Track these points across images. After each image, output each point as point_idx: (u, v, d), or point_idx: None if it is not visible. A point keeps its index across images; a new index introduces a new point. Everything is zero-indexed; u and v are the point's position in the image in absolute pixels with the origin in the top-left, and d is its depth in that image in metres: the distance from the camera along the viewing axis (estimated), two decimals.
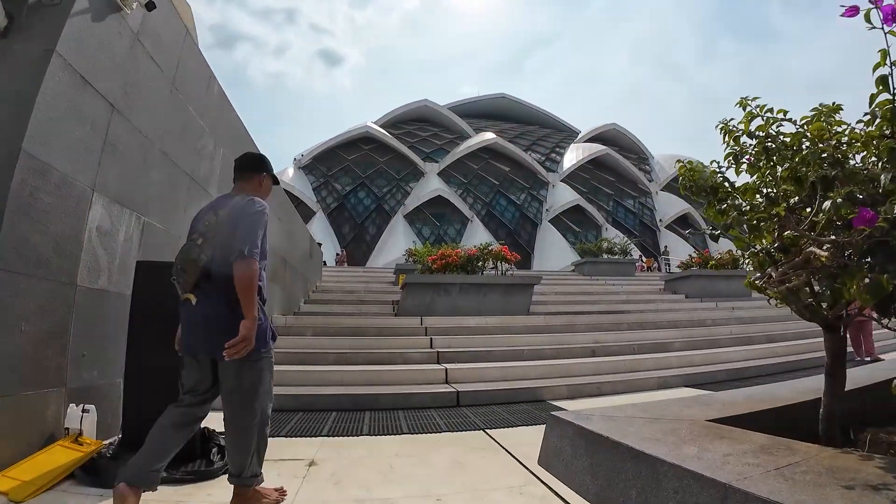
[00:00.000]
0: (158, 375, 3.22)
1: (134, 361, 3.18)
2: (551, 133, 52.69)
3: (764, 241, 1.71)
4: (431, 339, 6.74)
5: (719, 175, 2.14)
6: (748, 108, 2.00)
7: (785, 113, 1.92)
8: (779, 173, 1.76)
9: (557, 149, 47.82)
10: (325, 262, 25.83)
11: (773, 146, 1.86)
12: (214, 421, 2.49)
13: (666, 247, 29.32)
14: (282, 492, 2.28)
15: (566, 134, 53.07)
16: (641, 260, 27.95)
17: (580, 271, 20.11)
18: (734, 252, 17.86)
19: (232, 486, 2.12)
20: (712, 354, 7.22)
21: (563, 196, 40.51)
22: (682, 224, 43.33)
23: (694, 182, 2.23)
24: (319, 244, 15.15)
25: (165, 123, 4.18)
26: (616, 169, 45.80)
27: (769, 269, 1.74)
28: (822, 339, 1.96)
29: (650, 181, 46.28)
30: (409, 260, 14.97)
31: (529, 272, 20.14)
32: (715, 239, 2.00)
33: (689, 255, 16.30)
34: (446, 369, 5.46)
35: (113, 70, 3.49)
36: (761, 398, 1.98)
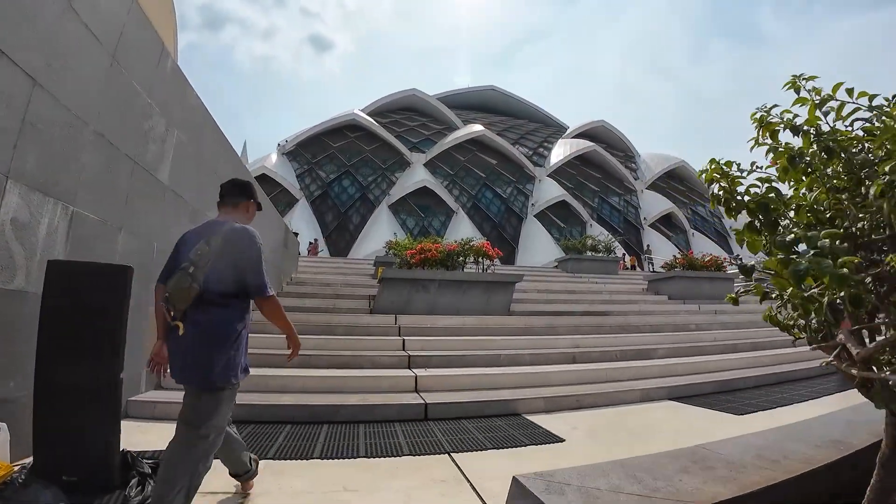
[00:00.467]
0: (71, 392, 2.78)
1: (43, 376, 2.73)
2: (540, 128, 52.33)
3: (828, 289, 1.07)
4: (404, 340, 6.35)
5: (762, 185, 1.45)
6: (802, 93, 1.40)
7: (872, 98, 1.28)
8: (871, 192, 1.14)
9: (546, 143, 47.50)
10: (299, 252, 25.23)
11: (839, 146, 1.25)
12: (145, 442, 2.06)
13: (648, 245, 29.26)
14: None
15: (555, 129, 52.76)
16: (625, 258, 27.86)
17: (563, 268, 19.87)
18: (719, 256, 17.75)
19: None
20: (697, 363, 6.95)
21: (549, 191, 40.24)
22: (665, 223, 43.45)
23: (731, 194, 1.50)
24: (296, 233, 14.63)
25: (102, 101, 3.68)
26: (603, 166, 45.65)
27: (840, 335, 1.20)
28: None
29: (636, 179, 46.27)
30: (389, 252, 14.52)
31: (512, 269, 19.80)
32: (748, 273, 1.37)
33: (674, 256, 16.12)
34: (416, 376, 5.07)
35: (36, 39, 3.00)
36: (773, 458, 1.62)
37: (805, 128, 1.34)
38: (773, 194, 1.36)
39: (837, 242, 1.03)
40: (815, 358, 6.27)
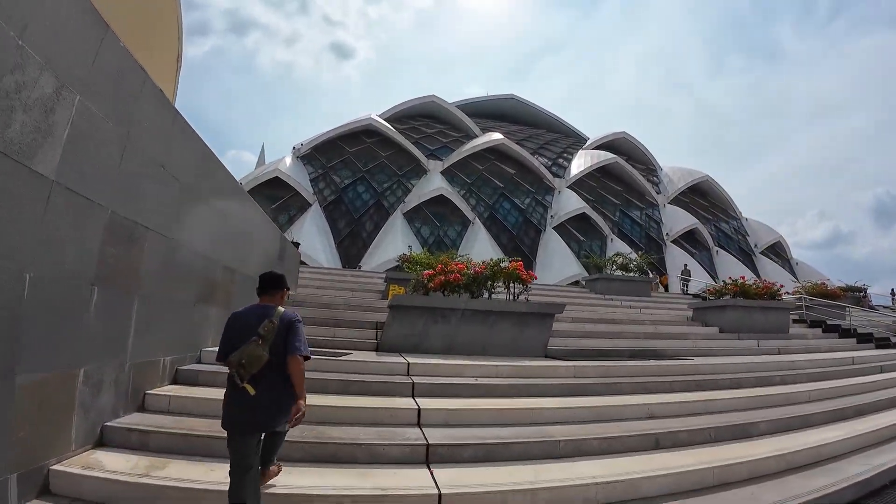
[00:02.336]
0: None
1: None
2: (559, 138, 50.36)
3: None
4: (420, 408, 4.43)
5: None
6: None
7: None
8: None
9: (565, 154, 45.49)
10: (304, 262, 23.53)
11: None
12: None
13: (686, 266, 27.07)
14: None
15: (574, 140, 50.76)
16: (657, 279, 25.59)
17: (592, 288, 17.86)
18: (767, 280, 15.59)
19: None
20: (812, 449, 4.92)
21: (569, 203, 38.20)
22: (688, 239, 41.09)
23: None
24: (296, 243, 12.87)
25: None
26: (624, 179, 43.52)
27: None
28: None
29: (658, 193, 44.02)
30: (403, 266, 12.68)
31: (546, 296, 17.74)
32: None
33: (723, 281, 14.04)
34: (439, 491, 3.17)
35: None
36: None
37: None
38: None
39: None
40: None
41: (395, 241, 30.11)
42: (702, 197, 46.69)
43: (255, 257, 7.18)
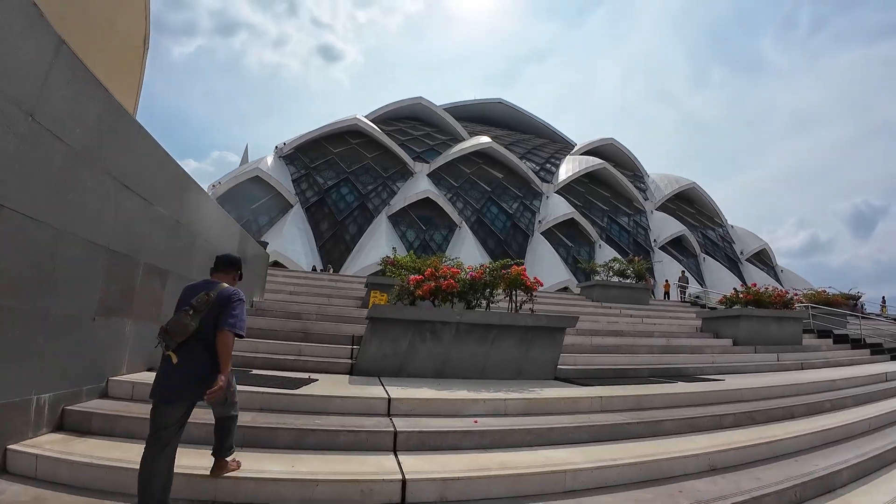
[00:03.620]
0: None
1: None
2: (547, 143, 49.43)
3: None
4: (405, 478, 2.96)
5: None
6: None
7: None
8: None
9: (553, 159, 44.51)
10: (279, 264, 21.96)
11: None
12: None
13: (684, 272, 26.03)
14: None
15: (561, 145, 49.87)
16: (655, 284, 24.35)
17: (587, 295, 16.57)
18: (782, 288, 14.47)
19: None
20: None
21: (556, 208, 37.11)
22: (675, 246, 40.31)
23: None
24: (264, 243, 11.33)
25: None
26: (612, 184, 42.68)
27: None
28: None
29: (645, 200, 43.24)
30: (386, 270, 11.22)
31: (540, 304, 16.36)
32: None
33: (734, 289, 12.85)
34: None
35: None
36: None
37: None
38: None
39: None
40: None
41: (379, 245, 28.59)
42: (688, 204, 46.10)
43: (201, 256, 5.69)
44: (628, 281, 16.85)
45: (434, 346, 5.92)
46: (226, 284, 2.81)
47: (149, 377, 3.25)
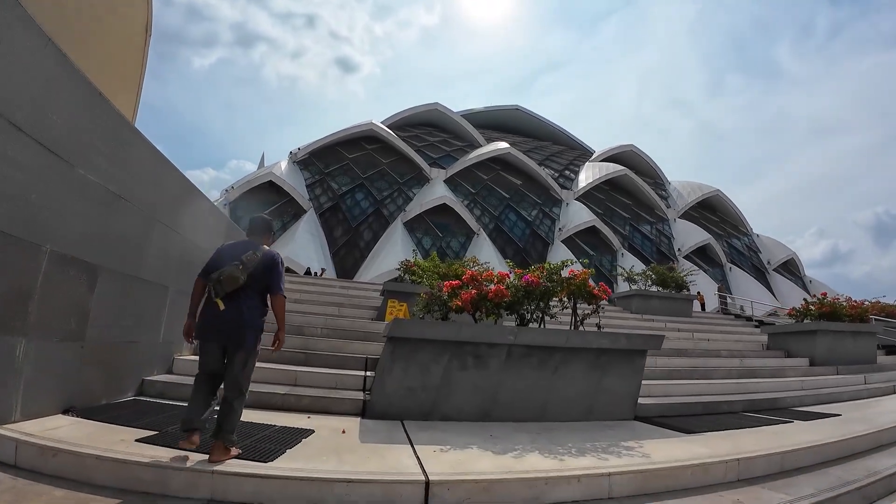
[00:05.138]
0: None
1: None
2: (565, 150, 47.62)
3: None
4: None
5: None
6: None
7: None
8: None
9: (571, 166, 42.67)
10: (290, 270, 20.41)
11: None
12: None
13: (721, 283, 23.98)
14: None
15: (580, 152, 48.02)
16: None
17: (625, 306, 14.69)
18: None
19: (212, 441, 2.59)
20: None
21: (577, 215, 35.22)
22: (700, 255, 38.07)
23: None
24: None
25: None
26: (633, 192, 40.68)
27: None
28: None
29: (668, 207, 41.15)
30: (406, 277, 9.55)
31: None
32: None
33: (804, 300, 10.94)
34: None
35: None
36: None
37: None
38: None
39: None
40: None
41: (394, 251, 26.97)
42: (711, 212, 43.86)
43: (162, 250, 4.07)
44: (667, 291, 14.98)
45: (478, 375, 4.21)
46: (266, 246, 2.89)
47: (72, 433, 2.60)
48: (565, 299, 5.08)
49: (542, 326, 4.95)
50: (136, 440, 2.74)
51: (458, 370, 4.17)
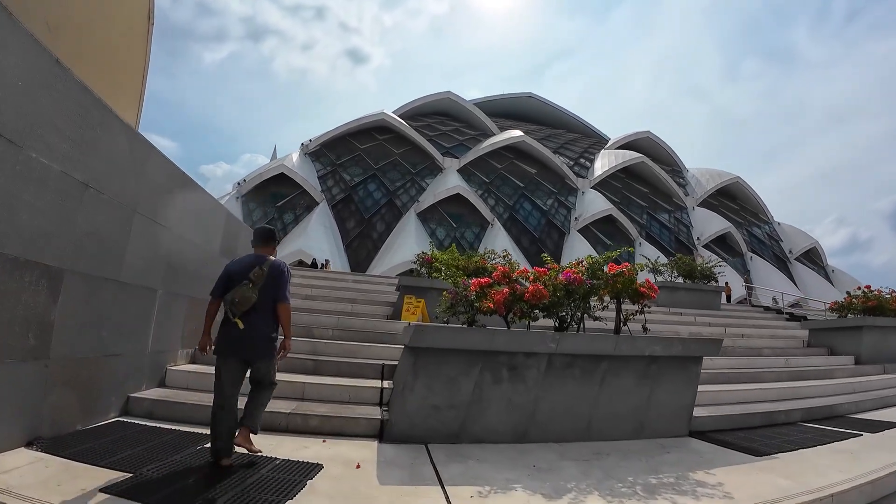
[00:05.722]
0: None
1: None
2: (579, 138, 46.43)
3: None
4: None
5: None
6: None
7: None
8: None
9: (587, 154, 41.55)
10: (305, 263, 20.11)
11: None
12: None
13: (748, 274, 23.02)
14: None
15: (595, 140, 46.81)
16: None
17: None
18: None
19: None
20: None
21: (593, 204, 34.25)
22: (720, 244, 36.87)
23: None
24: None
25: None
26: (650, 180, 39.50)
27: None
28: None
29: (686, 195, 39.91)
30: (422, 271, 8.93)
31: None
32: None
33: (847, 293, 10.12)
34: None
35: None
36: None
37: None
38: None
39: None
40: None
41: (407, 243, 26.41)
42: (731, 200, 42.47)
43: (145, 248, 3.50)
44: (693, 282, 14.18)
45: (514, 390, 3.59)
46: (272, 258, 2.98)
47: (25, 477, 2.14)
48: (605, 298, 4.43)
49: (579, 330, 4.31)
50: (101, 489, 2.18)
51: (491, 384, 3.56)
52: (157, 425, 3.24)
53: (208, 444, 2.73)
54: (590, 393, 3.81)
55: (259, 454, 2.83)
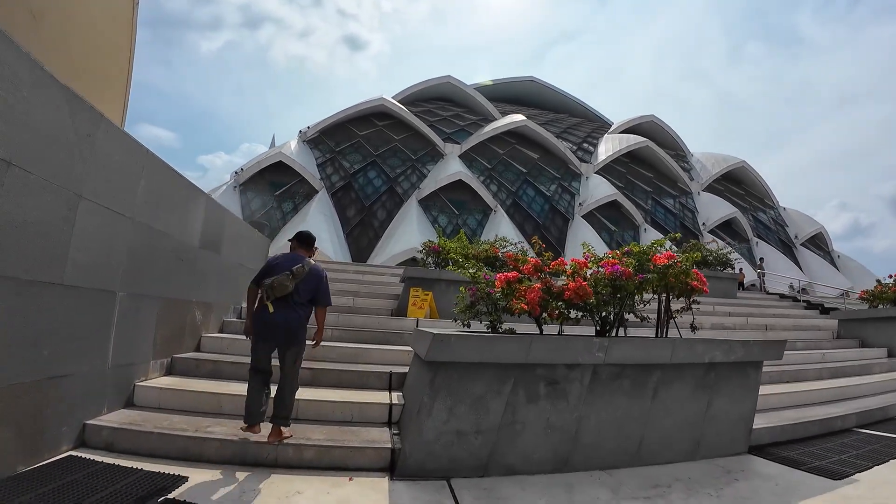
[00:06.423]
0: None
1: None
2: (583, 122, 45.40)
3: None
4: None
5: None
6: None
7: None
8: None
9: (590, 139, 40.60)
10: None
11: None
12: None
13: (762, 260, 22.35)
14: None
15: (598, 124, 45.76)
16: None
17: None
18: None
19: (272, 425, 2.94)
20: None
21: (597, 189, 33.45)
22: (725, 230, 36.15)
23: None
24: (261, 225, 8.50)
25: None
26: (655, 164, 38.62)
27: None
28: None
29: (691, 180, 39.06)
30: (429, 262, 8.26)
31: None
32: None
33: (878, 281, 9.46)
34: None
35: None
36: None
37: None
38: None
39: None
40: None
41: (409, 230, 25.73)
42: (736, 185, 41.59)
43: (88, 243, 2.83)
44: (709, 269, 13.53)
45: (553, 409, 2.95)
46: (312, 261, 3.28)
47: None
48: (648, 294, 3.78)
49: (619, 333, 3.66)
50: None
51: (526, 403, 2.91)
52: (116, 462, 2.60)
53: (179, 490, 2.09)
54: (641, 409, 3.17)
55: (289, 438, 2.90)
